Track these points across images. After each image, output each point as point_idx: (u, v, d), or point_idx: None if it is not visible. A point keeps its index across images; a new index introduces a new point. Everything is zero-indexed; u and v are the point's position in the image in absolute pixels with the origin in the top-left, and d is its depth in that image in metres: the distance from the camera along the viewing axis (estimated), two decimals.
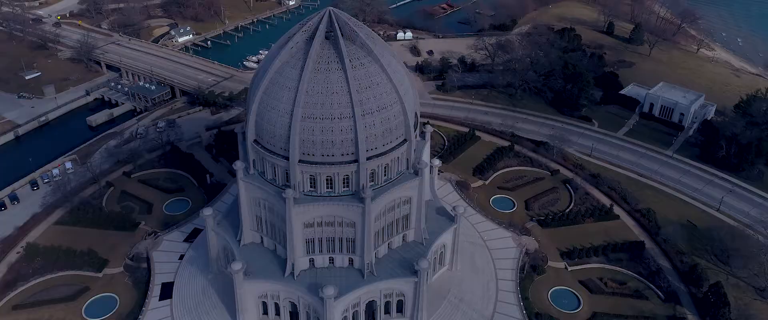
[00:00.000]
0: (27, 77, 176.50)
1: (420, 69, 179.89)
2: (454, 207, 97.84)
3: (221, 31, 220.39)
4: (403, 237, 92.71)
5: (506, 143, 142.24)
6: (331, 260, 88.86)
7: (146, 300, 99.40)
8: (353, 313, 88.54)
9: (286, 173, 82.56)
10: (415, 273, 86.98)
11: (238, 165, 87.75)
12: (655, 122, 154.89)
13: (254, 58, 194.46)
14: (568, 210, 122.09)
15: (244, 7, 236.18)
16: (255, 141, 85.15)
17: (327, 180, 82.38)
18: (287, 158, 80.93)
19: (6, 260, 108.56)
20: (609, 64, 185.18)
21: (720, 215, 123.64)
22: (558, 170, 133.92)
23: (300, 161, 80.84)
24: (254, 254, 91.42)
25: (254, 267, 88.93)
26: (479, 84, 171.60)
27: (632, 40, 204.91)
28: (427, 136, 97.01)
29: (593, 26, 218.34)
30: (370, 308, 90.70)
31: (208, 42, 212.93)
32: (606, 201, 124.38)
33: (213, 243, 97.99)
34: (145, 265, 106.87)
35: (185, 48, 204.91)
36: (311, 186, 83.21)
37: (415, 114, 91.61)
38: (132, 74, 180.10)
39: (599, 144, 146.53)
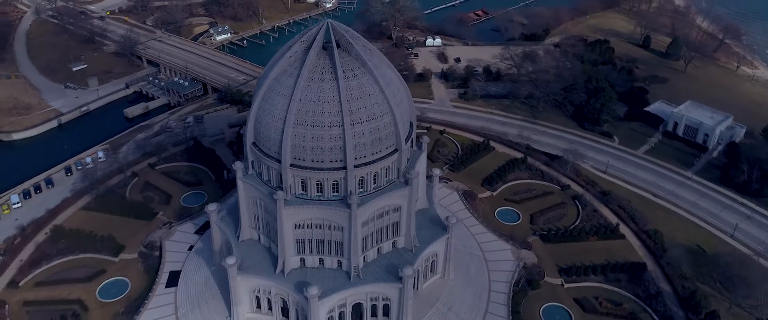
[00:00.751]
0: (74, 69, 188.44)
1: (444, 76, 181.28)
2: (446, 218, 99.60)
3: (258, 31, 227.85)
4: (394, 243, 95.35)
5: (520, 155, 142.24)
6: (321, 261, 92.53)
7: (154, 286, 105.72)
8: (340, 313, 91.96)
9: (279, 175, 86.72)
10: (400, 279, 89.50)
11: (238, 165, 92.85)
12: (679, 141, 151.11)
13: None
14: (572, 226, 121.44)
15: (282, 8, 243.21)
16: (253, 143, 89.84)
17: (317, 184, 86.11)
18: (280, 161, 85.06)
19: (34, 240, 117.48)
20: (640, 79, 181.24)
21: (733, 241, 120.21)
22: (569, 185, 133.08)
23: (291, 165, 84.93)
24: (251, 250, 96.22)
25: (249, 263, 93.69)
26: (502, 94, 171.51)
27: (668, 55, 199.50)
28: (424, 147, 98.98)
29: (629, 39, 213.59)
30: (358, 310, 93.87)
31: (245, 41, 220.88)
32: (613, 219, 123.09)
33: (216, 237, 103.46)
34: (157, 253, 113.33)
35: (222, 46, 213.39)
36: (302, 190, 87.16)
37: (411, 124, 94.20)
38: (169, 70, 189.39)
39: (617, 161, 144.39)
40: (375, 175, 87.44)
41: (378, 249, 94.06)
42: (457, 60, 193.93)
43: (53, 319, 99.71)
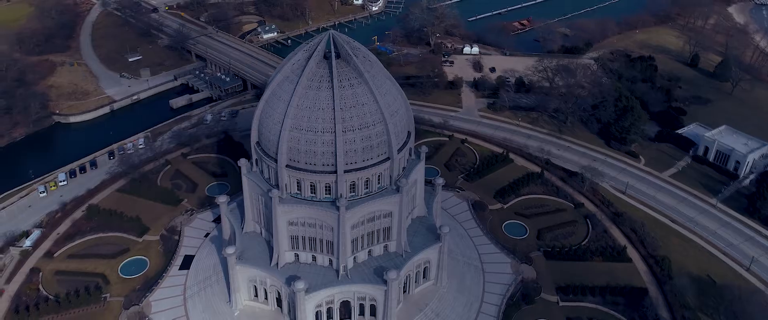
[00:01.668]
0: (130, 59, 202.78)
1: (476, 85, 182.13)
2: (440, 227, 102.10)
3: (303, 31, 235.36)
4: (385, 247, 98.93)
5: (538, 169, 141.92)
6: (314, 258, 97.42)
7: (169, 268, 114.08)
8: (328, 309, 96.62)
9: (277, 174, 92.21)
10: (386, 282, 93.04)
11: (243, 162, 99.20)
12: (708, 167, 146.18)
13: None
14: (578, 245, 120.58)
15: (329, 9, 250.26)
16: (257, 143, 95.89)
17: (310, 185, 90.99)
18: (277, 161, 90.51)
19: (72, 216, 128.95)
20: (680, 99, 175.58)
21: (748, 274, 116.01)
22: (583, 203, 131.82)
23: (287, 166, 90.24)
24: (252, 242, 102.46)
25: (248, 254, 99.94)
26: (530, 106, 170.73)
27: (716, 75, 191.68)
28: (422, 156, 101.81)
29: (677, 56, 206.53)
30: (347, 307, 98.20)
31: (289, 40, 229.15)
32: (623, 241, 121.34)
33: (226, 227, 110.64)
34: (176, 237, 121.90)
35: (267, 45, 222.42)
36: (298, 189, 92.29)
37: (408, 134, 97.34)
38: (214, 64, 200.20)
39: (639, 182, 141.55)
40: (366, 181, 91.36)
41: (369, 251, 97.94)
42: (492, 69, 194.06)
43: (78, 289, 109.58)
